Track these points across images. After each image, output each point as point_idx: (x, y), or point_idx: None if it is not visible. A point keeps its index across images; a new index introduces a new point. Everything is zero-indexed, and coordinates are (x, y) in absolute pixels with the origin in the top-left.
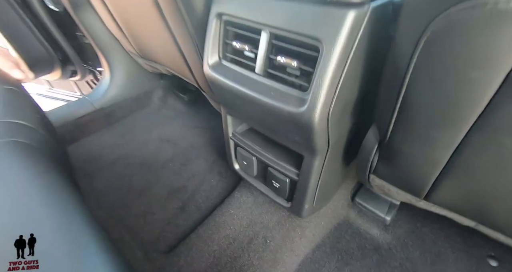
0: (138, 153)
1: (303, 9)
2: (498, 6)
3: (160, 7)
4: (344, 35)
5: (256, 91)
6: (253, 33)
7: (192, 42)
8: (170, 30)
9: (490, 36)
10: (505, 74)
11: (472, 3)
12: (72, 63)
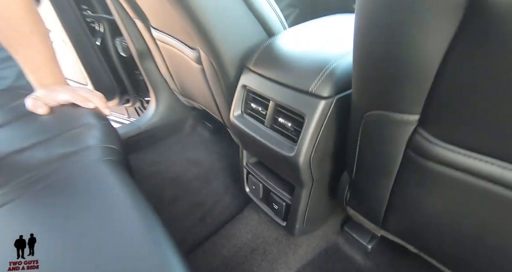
0: (170, 170)
1: (295, 94)
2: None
3: (204, 71)
4: (318, 113)
5: (264, 138)
6: (265, 100)
7: (223, 96)
8: (208, 85)
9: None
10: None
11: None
12: (127, 93)
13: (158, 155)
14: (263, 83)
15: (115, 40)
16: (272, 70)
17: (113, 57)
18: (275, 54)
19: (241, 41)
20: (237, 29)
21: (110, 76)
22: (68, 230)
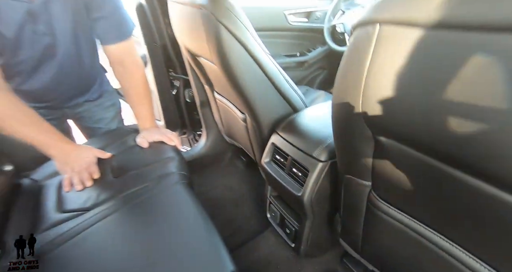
0: (210, 192)
1: (304, 155)
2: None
3: (247, 128)
4: (317, 171)
5: (282, 180)
6: (285, 155)
7: (258, 146)
8: (249, 136)
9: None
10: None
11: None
12: (186, 127)
13: (203, 179)
14: (286, 144)
15: (185, 90)
16: (292, 137)
17: (181, 102)
18: (295, 127)
19: (273, 112)
20: (270, 104)
21: (177, 115)
22: (155, 228)
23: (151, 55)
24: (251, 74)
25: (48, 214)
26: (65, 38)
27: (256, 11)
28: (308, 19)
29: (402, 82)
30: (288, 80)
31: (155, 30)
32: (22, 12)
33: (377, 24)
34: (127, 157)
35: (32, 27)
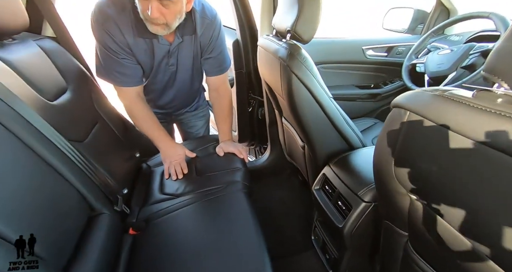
0: (266, 201)
1: (350, 192)
2: None
3: (305, 155)
4: (360, 209)
5: (327, 209)
6: (334, 187)
7: (313, 172)
8: (305, 161)
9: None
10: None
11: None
12: (255, 140)
13: (261, 187)
14: (335, 177)
15: (259, 109)
16: (342, 172)
17: (254, 118)
18: (347, 163)
19: (329, 147)
20: (327, 140)
21: (249, 129)
22: (217, 222)
23: (237, 79)
24: (313, 113)
25: (154, 192)
26: (184, 69)
27: (336, 45)
28: (389, 53)
29: (428, 168)
30: (347, 120)
31: (244, 61)
32: (165, 50)
33: (408, 111)
34: (207, 161)
35: (167, 60)
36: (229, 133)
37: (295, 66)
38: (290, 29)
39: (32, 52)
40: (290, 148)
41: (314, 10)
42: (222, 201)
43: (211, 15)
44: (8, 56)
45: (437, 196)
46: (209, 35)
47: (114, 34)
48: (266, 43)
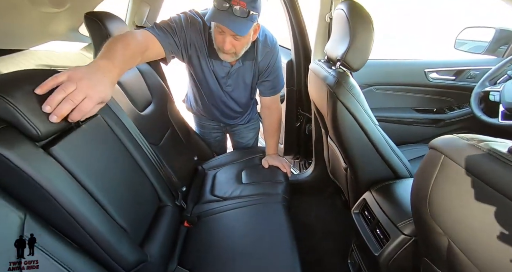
0: (304, 217)
1: (390, 222)
2: None
3: (347, 175)
4: (398, 242)
5: (365, 235)
6: (373, 213)
7: (354, 195)
8: (347, 183)
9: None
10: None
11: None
12: (300, 154)
13: (301, 202)
14: (375, 205)
15: (306, 125)
16: (383, 200)
17: (301, 133)
18: (390, 192)
19: (372, 172)
20: (370, 165)
21: (295, 143)
22: (256, 229)
23: (288, 95)
24: (356, 139)
25: (206, 193)
26: (240, 89)
27: (393, 66)
28: (458, 77)
29: (460, 212)
30: (393, 147)
31: (296, 79)
32: (225, 72)
33: (443, 155)
34: (252, 171)
35: (225, 81)
36: (275, 147)
37: (341, 94)
38: (340, 58)
39: (133, 73)
40: (333, 167)
41: (365, 41)
42: (262, 210)
43: (271, 44)
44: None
45: (469, 242)
46: (267, 61)
47: (186, 31)
48: (316, 69)
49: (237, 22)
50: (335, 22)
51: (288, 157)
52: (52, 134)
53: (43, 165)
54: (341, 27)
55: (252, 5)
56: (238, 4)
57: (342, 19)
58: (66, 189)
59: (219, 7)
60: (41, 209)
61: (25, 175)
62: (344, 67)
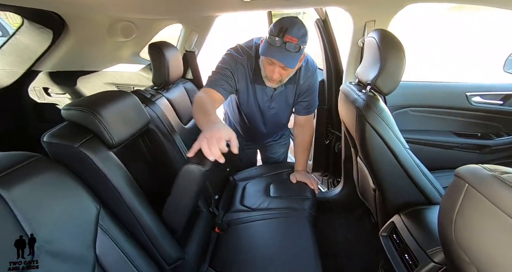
0: (331, 236)
1: (418, 248)
2: None
3: (375, 196)
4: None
5: (392, 259)
6: (401, 238)
7: (381, 215)
8: (376, 204)
9: None
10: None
11: None
12: (328, 171)
13: (328, 220)
14: (404, 229)
15: (336, 143)
16: (413, 225)
17: (330, 151)
18: (421, 217)
19: (401, 196)
20: (400, 189)
21: (324, 160)
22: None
23: (318, 113)
24: (386, 162)
25: (235, 202)
26: (281, 111)
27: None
28: (506, 102)
29: (483, 241)
30: (425, 172)
31: (326, 98)
32: (269, 95)
33: (467, 184)
34: (280, 185)
35: (268, 104)
36: (304, 164)
37: (370, 117)
38: (370, 82)
39: (180, 91)
40: (362, 187)
41: (396, 67)
42: (288, 223)
43: (312, 69)
44: (169, 96)
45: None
46: (307, 85)
47: (230, 65)
48: (347, 91)
49: (288, 56)
50: (367, 48)
51: (316, 174)
52: (122, 143)
53: (114, 167)
54: (372, 53)
55: (303, 40)
56: (291, 41)
57: (373, 46)
58: (129, 187)
59: (273, 43)
60: (111, 203)
61: (102, 174)
62: (375, 91)
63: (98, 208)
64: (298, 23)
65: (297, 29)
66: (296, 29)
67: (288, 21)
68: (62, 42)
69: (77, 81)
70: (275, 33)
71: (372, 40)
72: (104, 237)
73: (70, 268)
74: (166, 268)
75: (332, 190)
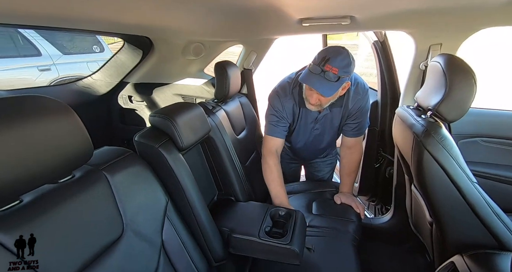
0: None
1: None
2: None
3: (432, 231)
4: None
5: None
6: None
7: (437, 252)
8: (432, 240)
9: None
10: None
11: None
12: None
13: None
14: None
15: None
16: (479, 269)
17: (380, 175)
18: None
19: (466, 236)
20: (465, 228)
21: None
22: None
23: (369, 134)
24: (446, 195)
25: None
26: (326, 133)
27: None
28: None
29: None
30: (497, 212)
31: (379, 120)
32: (314, 117)
33: None
34: (324, 204)
35: (313, 125)
36: (350, 186)
37: (429, 144)
38: (431, 108)
39: (235, 105)
40: (416, 219)
41: (464, 94)
42: (331, 243)
43: (362, 92)
44: (227, 108)
45: None
46: (356, 108)
47: (278, 108)
48: (403, 115)
49: (325, 85)
50: (430, 72)
51: (363, 198)
52: (188, 147)
53: (181, 167)
54: (436, 78)
55: (344, 71)
56: (330, 70)
57: (438, 71)
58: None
59: (313, 71)
60: (176, 198)
61: (172, 172)
62: (437, 117)
63: (166, 201)
64: (343, 53)
65: (341, 60)
66: (339, 60)
67: (333, 51)
68: (148, 60)
69: (152, 91)
70: (318, 61)
71: (437, 65)
72: (169, 225)
73: (145, 246)
74: (213, 264)
75: (381, 217)
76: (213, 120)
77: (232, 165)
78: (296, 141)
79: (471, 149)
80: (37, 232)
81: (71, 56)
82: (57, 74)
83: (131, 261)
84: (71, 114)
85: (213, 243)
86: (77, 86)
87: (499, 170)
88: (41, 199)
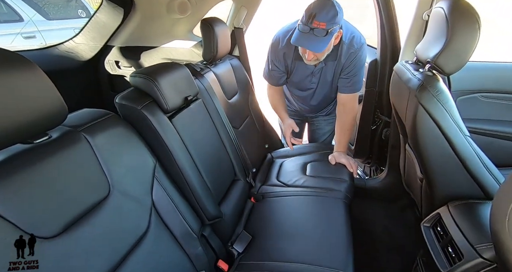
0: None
1: (465, 241)
2: None
3: (422, 186)
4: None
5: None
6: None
7: (426, 205)
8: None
9: None
10: None
11: None
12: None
13: (368, 209)
14: (451, 222)
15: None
16: (462, 218)
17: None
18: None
19: (453, 187)
20: (453, 180)
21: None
22: (314, 218)
23: (366, 96)
24: (437, 149)
25: (272, 177)
26: (323, 86)
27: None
28: None
29: None
30: (488, 166)
31: (378, 80)
32: (309, 71)
33: None
34: (318, 165)
35: (310, 79)
36: (345, 145)
37: (424, 98)
38: (430, 60)
39: (226, 67)
40: (408, 177)
41: (465, 42)
42: (322, 202)
43: (357, 45)
44: (216, 71)
45: None
46: (349, 61)
47: (278, 59)
48: (400, 70)
49: (316, 42)
50: (432, 21)
51: (358, 160)
52: (174, 110)
53: (167, 129)
54: (437, 27)
55: (332, 22)
56: (318, 26)
57: (440, 18)
58: (178, 148)
59: (302, 30)
60: (164, 160)
61: (158, 134)
62: (435, 70)
63: (154, 162)
64: (327, 5)
65: (326, 13)
66: (324, 13)
67: (318, 6)
68: (130, 19)
69: (140, 56)
70: (305, 19)
71: (440, 11)
72: (159, 187)
73: (134, 206)
74: (206, 222)
75: (374, 178)
76: (202, 82)
77: (224, 129)
78: (297, 94)
79: (470, 105)
80: (10, 191)
81: (56, 22)
82: (44, 41)
83: (121, 219)
84: (36, 70)
85: (204, 203)
86: (59, 50)
87: (498, 126)
88: (16, 159)
